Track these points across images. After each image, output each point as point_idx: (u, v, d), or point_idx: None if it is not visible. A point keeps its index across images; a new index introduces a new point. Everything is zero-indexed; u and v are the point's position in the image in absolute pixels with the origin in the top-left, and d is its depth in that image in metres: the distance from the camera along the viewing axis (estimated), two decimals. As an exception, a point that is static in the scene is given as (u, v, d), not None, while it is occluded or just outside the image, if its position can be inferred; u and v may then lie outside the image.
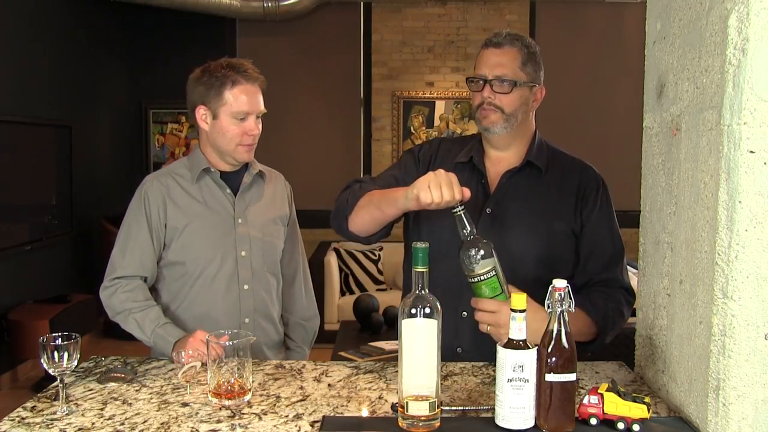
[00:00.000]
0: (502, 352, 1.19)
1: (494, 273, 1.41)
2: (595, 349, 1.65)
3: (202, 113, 1.82)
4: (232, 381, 1.32)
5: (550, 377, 1.17)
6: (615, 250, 1.68)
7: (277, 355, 1.98)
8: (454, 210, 1.42)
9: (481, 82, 1.64)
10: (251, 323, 1.87)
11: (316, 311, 2.14)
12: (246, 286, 1.87)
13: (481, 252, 1.40)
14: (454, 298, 1.57)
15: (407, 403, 1.20)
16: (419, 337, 1.20)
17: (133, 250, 1.82)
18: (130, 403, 1.37)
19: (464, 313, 1.62)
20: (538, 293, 1.30)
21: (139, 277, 1.83)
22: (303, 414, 1.31)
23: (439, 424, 1.20)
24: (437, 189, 1.40)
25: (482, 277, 1.41)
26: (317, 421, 1.27)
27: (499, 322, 1.41)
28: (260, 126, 1.84)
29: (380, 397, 1.40)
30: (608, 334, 1.64)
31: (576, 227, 1.67)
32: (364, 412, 1.33)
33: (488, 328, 1.45)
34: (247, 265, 1.87)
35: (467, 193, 1.43)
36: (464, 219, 1.42)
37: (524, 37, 1.68)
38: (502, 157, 1.72)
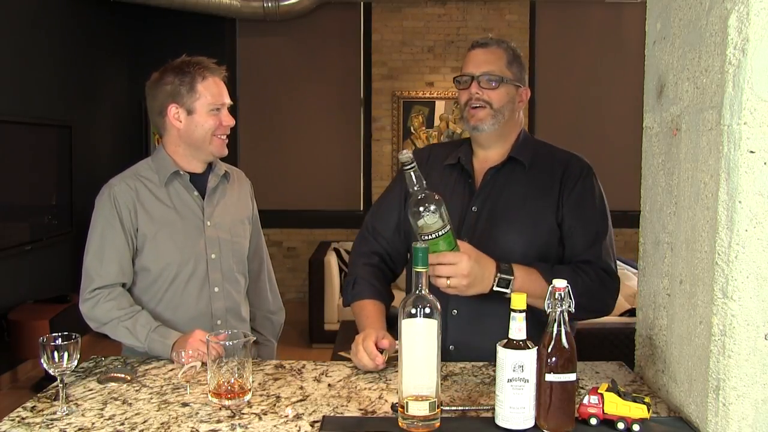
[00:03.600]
0: (502, 352, 1.19)
1: (450, 226, 1.43)
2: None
3: (174, 112, 1.80)
4: (232, 381, 1.32)
5: (550, 377, 1.17)
6: (595, 231, 1.66)
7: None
8: (405, 167, 1.43)
9: (468, 79, 1.68)
10: (223, 325, 1.85)
11: (281, 304, 2.13)
12: (216, 289, 1.85)
13: (441, 207, 1.41)
14: (443, 297, 1.57)
15: (407, 403, 1.20)
16: (419, 337, 1.20)
17: (111, 257, 1.78)
18: (130, 403, 1.37)
19: (454, 311, 1.65)
20: None
21: (119, 284, 1.80)
22: (303, 414, 1.31)
23: (439, 424, 1.21)
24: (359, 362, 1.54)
25: (440, 233, 1.42)
26: (317, 421, 1.27)
27: (462, 272, 1.44)
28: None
29: (380, 397, 1.40)
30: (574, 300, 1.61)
31: (559, 216, 1.67)
32: (364, 412, 1.33)
33: (449, 282, 1.46)
34: (217, 268, 1.86)
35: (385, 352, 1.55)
36: (413, 176, 1.42)
37: (509, 41, 1.74)
38: (488, 156, 1.74)
